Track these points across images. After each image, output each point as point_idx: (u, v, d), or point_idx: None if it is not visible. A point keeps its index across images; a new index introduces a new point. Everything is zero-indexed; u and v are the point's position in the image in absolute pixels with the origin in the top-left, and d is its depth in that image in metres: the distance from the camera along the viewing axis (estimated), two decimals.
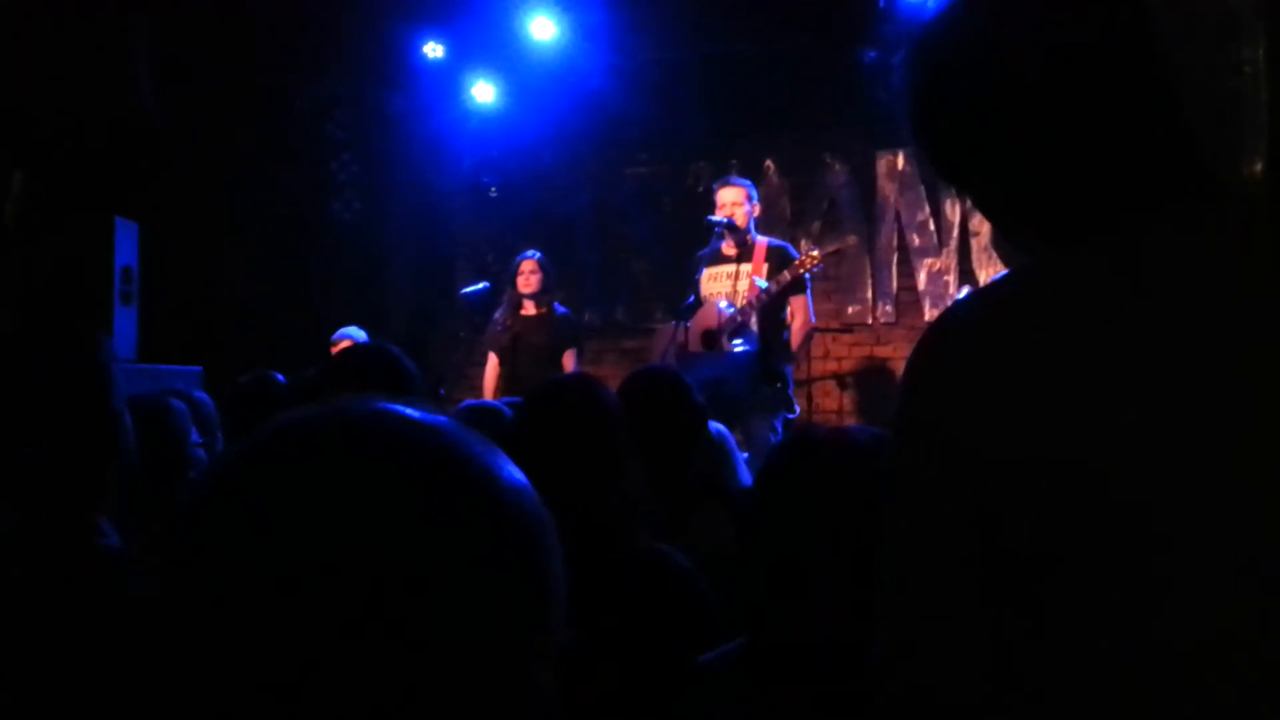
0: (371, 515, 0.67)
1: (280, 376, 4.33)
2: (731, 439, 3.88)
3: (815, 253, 5.77)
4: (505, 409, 3.34)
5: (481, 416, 3.21)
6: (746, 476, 3.71)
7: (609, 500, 2.26)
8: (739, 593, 2.00)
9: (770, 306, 5.76)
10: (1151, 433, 1.00)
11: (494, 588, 0.69)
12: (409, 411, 0.73)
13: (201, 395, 4.01)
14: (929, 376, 1.10)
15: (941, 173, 1.23)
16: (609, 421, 2.33)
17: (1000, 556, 1.03)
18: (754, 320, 5.73)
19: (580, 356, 6.84)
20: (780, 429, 5.73)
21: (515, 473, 0.74)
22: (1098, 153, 1.13)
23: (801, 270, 5.68)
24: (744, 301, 5.76)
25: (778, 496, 1.63)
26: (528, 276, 6.62)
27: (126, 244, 6.42)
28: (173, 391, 3.48)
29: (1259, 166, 1.93)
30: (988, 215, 1.23)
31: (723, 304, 5.81)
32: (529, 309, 6.65)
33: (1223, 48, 1.83)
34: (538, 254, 6.71)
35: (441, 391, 6.81)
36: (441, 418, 0.74)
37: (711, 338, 5.83)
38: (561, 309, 6.77)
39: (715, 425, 3.86)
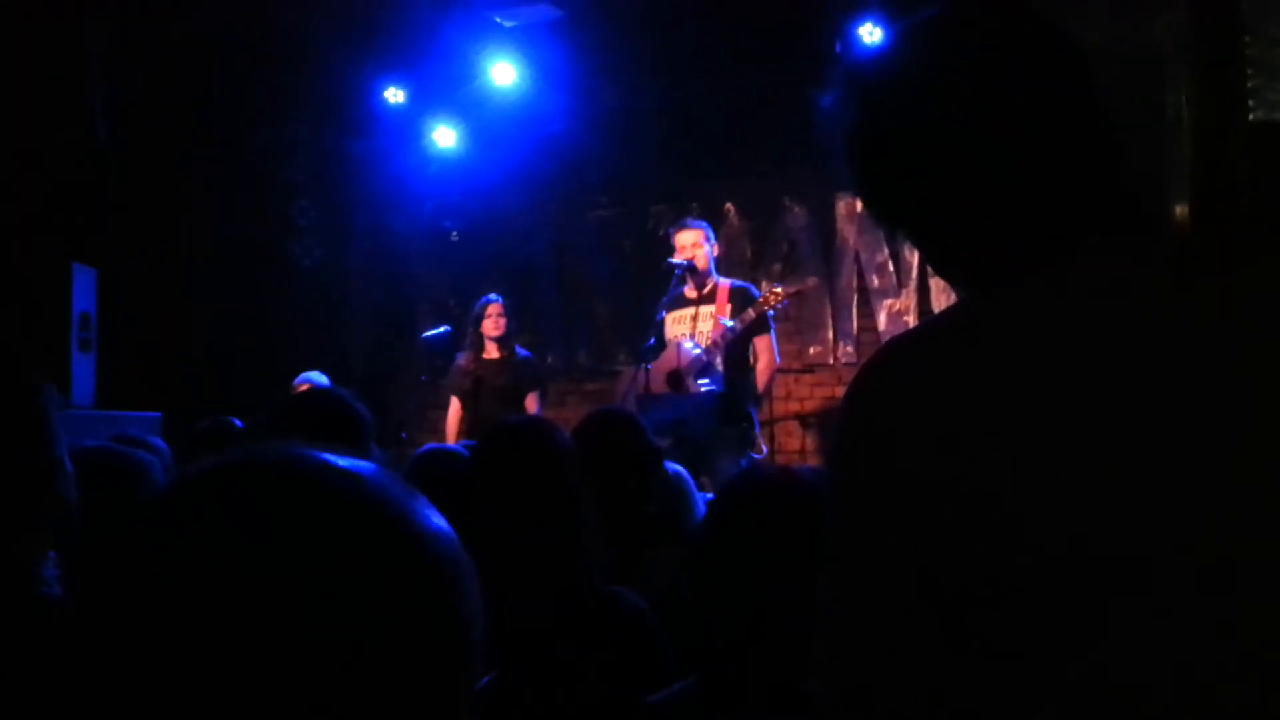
0: (276, 562, 0.67)
1: (237, 422, 4.31)
2: (690, 480, 3.88)
3: (779, 289, 5.81)
4: (464, 452, 3.34)
5: (440, 460, 3.20)
6: None
7: (562, 541, 2.26)
8: (689, 632, 2.00)
9: (735, 347, 5.78)
10: (1084, 464, 1.00)
11: (406, 632, 0.69)
12: (322, 458, 0.73)
13: (158, 442, 3.98)
14: (866, 410, 1.11)
15: (875, 211, 1.24)
16: (561, 463, 2.33)
17: (939, 589, 1.03)
18: (719, 360, 5.75)
19: (543, 399, 6.84)
20: None
21: (433, 519, 0.74)
22: (1031, 194, 1.14)
23: (766, 307, 5.72)
24: (709, 341, 5.78)
25: (724, 536, 1.63)
26: (495, 319, 6.63)
27: (84, 290, 6.40)
28: (137, 442, 3.45)
29: (1184, 206, 1.97)
30: (923, 252, 1.24)
31: (688, 344, 5.83)
32: (491, 352, 6.66)
33: (1149, 90, 1.87)
34: (501, 297, 6.72)
35: (403, 435, 6.79)
36: (361, 464, 0.74)
37: (677, 378, 5.84)
38: (523, 352, 6.78)
39: (673, 466, 3.86)
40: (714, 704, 1.62)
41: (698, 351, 5.78)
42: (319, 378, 6.63)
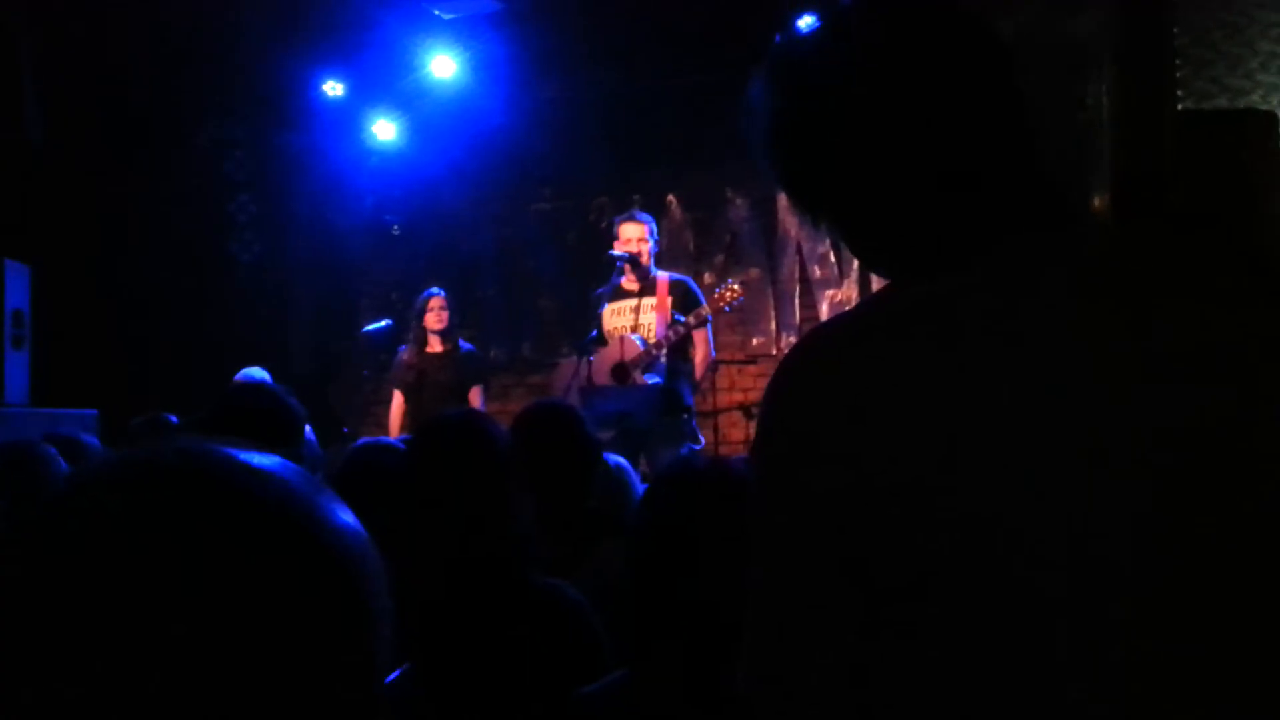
0: (172, 556, 0.66)
1: (174, 418, 4.27)
2: (632, 472, 3.88)
3: (735, 286, 5.81)
4: (401, 445, 3.31)
5: (377, 453, 3.18)
6: None
7: (498, 534, 2.25)
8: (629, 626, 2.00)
9: (676, 342, 5.79)
10: (1003, 452, 1.01)
11: (307, 627, 0.69)
12: (227, 453, 0.72)
13: (92, 440, 3.93)
14: (787, 402, 1.11)
15: (797, 199, 1.23)
16: (497, 456, 2.32)
17: (861, 578, 1.04)
18: (664, 354, 5.76)
19: (486, 393, 6.82)
20: None
21: (339, 514, 0.73)
22: (951, 184, 1.14)
23: (723, 303, 5.73)
24: (656, 335, 5.77)
25: (656, 526, 1.63)
26: (438, 313, 6.59)
27: (18, 287, 6.30)
28: (68, 439, 3.41)
29: (1105, 198, 1.99)
30: (845, 241, 1.24)
31: (633, 338, 5.82)
32: (434, 346, 6.62)
33: (1070, 82, 1.89)
34: (443, 291, 6.69)
35: (345, 430, 6.75)
36: (267, 459, 0.74)
37: (622, 371, 5.83)
38: (467, 345, 6.75)
39: (615, 458, 3.86)
40: (646, 694, 1.62)
41: (645, 346, 5.78)
42: (260, 374, 6.56)
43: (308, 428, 4.01)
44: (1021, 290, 1.07)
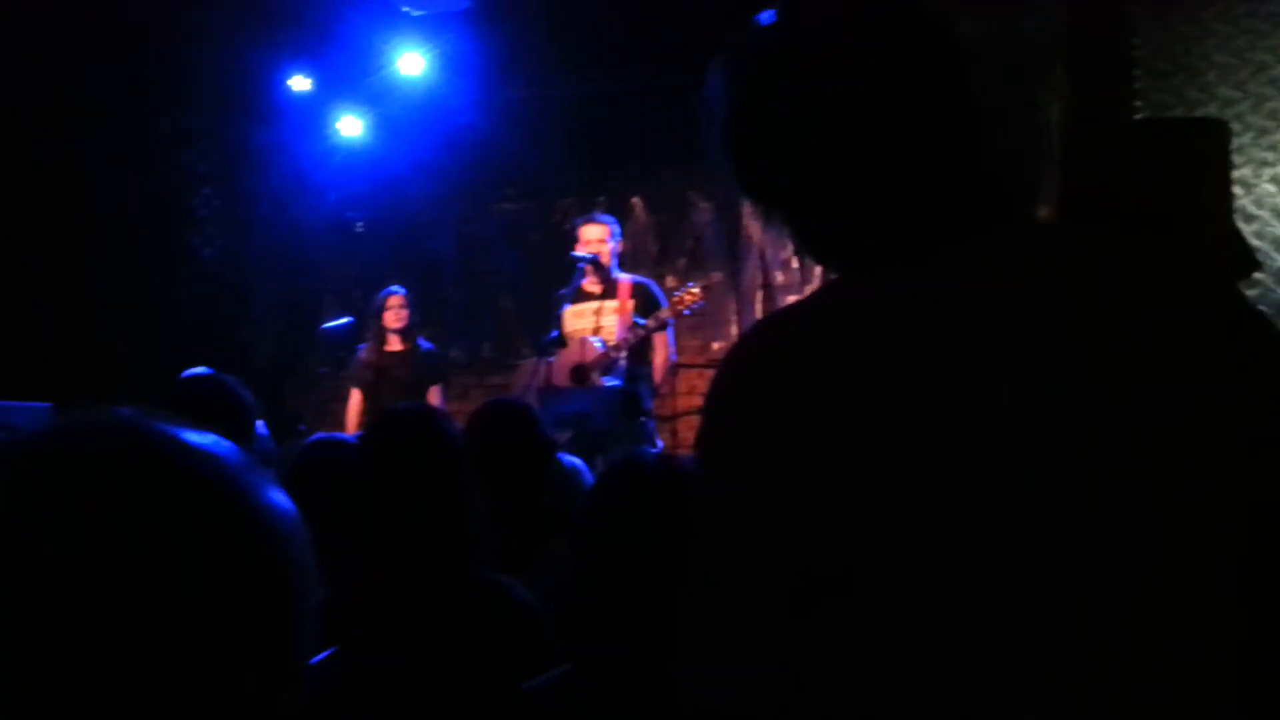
0: (99, 523, 0.67)
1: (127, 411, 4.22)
2: (587, 473, 3.88)
3: (695, 289, 5.79)
4: (355, 441, 3.30)
5: (329, 448, 3.16)
6: None
7: (448, 530, 2.24)
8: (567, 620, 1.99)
9: (636, 344, 5.78)
10: (939, 448, 1.01)
11: (229, 595, 0.70)
12: (157, 427, 0.73)
13: None
14: (729, 394, 1.11)
15: (750, 193, 1.23)
16: (449, 453, 2.31)
17: (801, 575, 1.04)
18: (623, 357, 5.75)
19: (446, 392, 6.79)
20: None
21: (269, 493, 0.75)
22: (899, 180, 1.15)
23: (682, 306, 5.71)
24: (616, 337, 5.76)
25: (601, 524, 1.62)
26: (397, 311, 6.59)
27: None
28: (5, 427, 3.37)
29: (1053, 200, 2.01)
30: (797, 235, 1.24)
31: (594, 340, 5.81)
32: (394, 344, 6.61)
33: (1021, 84, 1.90)
34: (403, 289, 6.67)
35: (301, 427, 6.70)
36: (200, 436, 0.75)
37: (582, 373, 5.83)
38: (426, 344, 6.72)
39: (570, 459, 3.86)
40: (588, 689, 1.62)
41: (604, 348, 5.77)
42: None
43: (260, 423, 3.99)
44: (967, 290, 1.08)
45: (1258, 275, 2.99)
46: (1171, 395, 1.02)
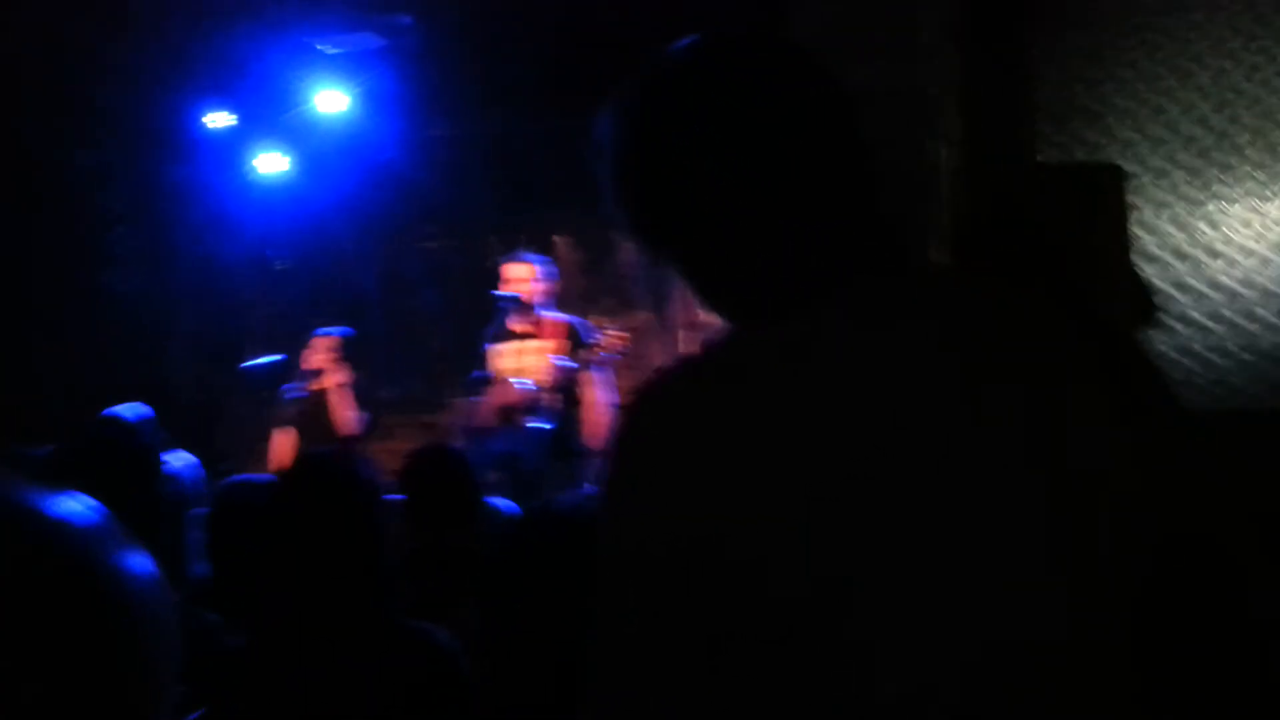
0: None
1: (39, 452, 4.14)
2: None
3: (619, 334, 5.77)
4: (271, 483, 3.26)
5: (246, 491, 3.12)
6: None
7: (363, 576, 2.23)
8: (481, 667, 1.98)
9: (566, 383, 5.76)
10: (820, 501, 1.01)
11: (71, 672, 0.69)
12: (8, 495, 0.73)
13: None
14: (621, 445, 1.11)
15: (638, 237, 1.23)
16: (363, 495, 2.30)
17: (694, 628, 1.04)
18: (550, 397, 5.72)
19: (372, 430, 6.74)
20: None
21: (126, 559, 0.74)
22: (791, 231, 1.15)
23: (604, 351, 5.69)
24: (541, 378, 5.74)
25: (513, 569, 1.62)
26: (319, 353, 6.54)
27: None
28: None
29: (946, 248, 2.05)
30: (687, 283, 1.23)
31: (520, 381, 5.79)
32: (320, 384, 6.55)
33: (912, 129, 1.94)
34: (336, 330, 6.64)
35: (224, 468, 6.60)
36: (51, 500, 0.74)
37: (507, 414, 5.80)
38: (357, 382, 6.67)
39: (501, 502, 3.85)
40: None
41: (530, 388, 5.75)
42: (140, 409, 6.39)
43: (194, 463, 3.92)
44: (842, 339, 1.08)
45: (1161, 316, 3.06)
46: (1055, 443, 1.03)
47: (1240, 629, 1.07)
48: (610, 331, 5.77)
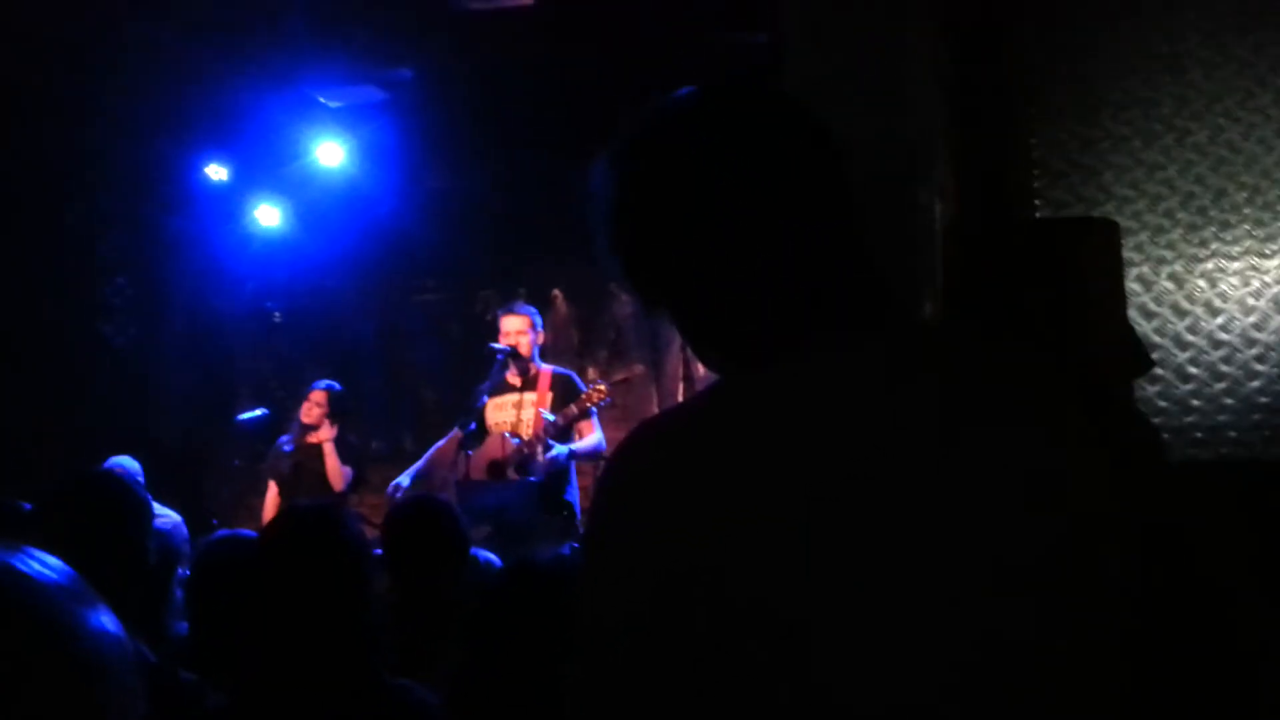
0: None
1: (27, 505, 4.11)
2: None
3: (602, 386, 5.78)
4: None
5: (231, 546, 3.09)
6: None
7: (347, 631, 2.19)
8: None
9: (557, 436, 5.74)
10: (794, 547, 1.01)
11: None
12: None
13: None
14: (607, 494, 1.12)
15: (633, 288, 1.23)
16: (348, 551, 2.27)
17: (680, 670, 1.02)
18: (540, 452, 5.70)
19: (364, 484, 6.73)
20: None
21: (95, 619, 0.76)
22: (782, 282, 1.15)
23: (589, 404, 5.69)
24: (530, 434, 5.72)
25: (496, 622, 1.59)
26: (310, 406, 6.55)
27: None
28: None
29: (939, 302, 2.04)
30: (680, 330, 1.24)
31: (508, 435, 5.77)
32: (313, 437, 6.55)
33: (902, 184, 1.93)
34: (329, 384, 6.66)
35: (214, 522, 6.57)
36: (29, 561, 0.76)
37: (497, 468, 5.78)
38: (346, 437, 6.67)
39: (486, 555, 3.81)
40: None
41: (518, 444, 5.73)
42: (129, 463, 6.38)
43: (177, 521, 3.90)
44: (829, 389, 1.08)
45: (1158, 371, 3.04)
46: (1046, 500, 1.02)
47: (1228, 674, 1.06)
48: (598, 386, 5.77)
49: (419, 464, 6.09)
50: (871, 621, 1.00)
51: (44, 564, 0.77)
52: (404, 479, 6.02)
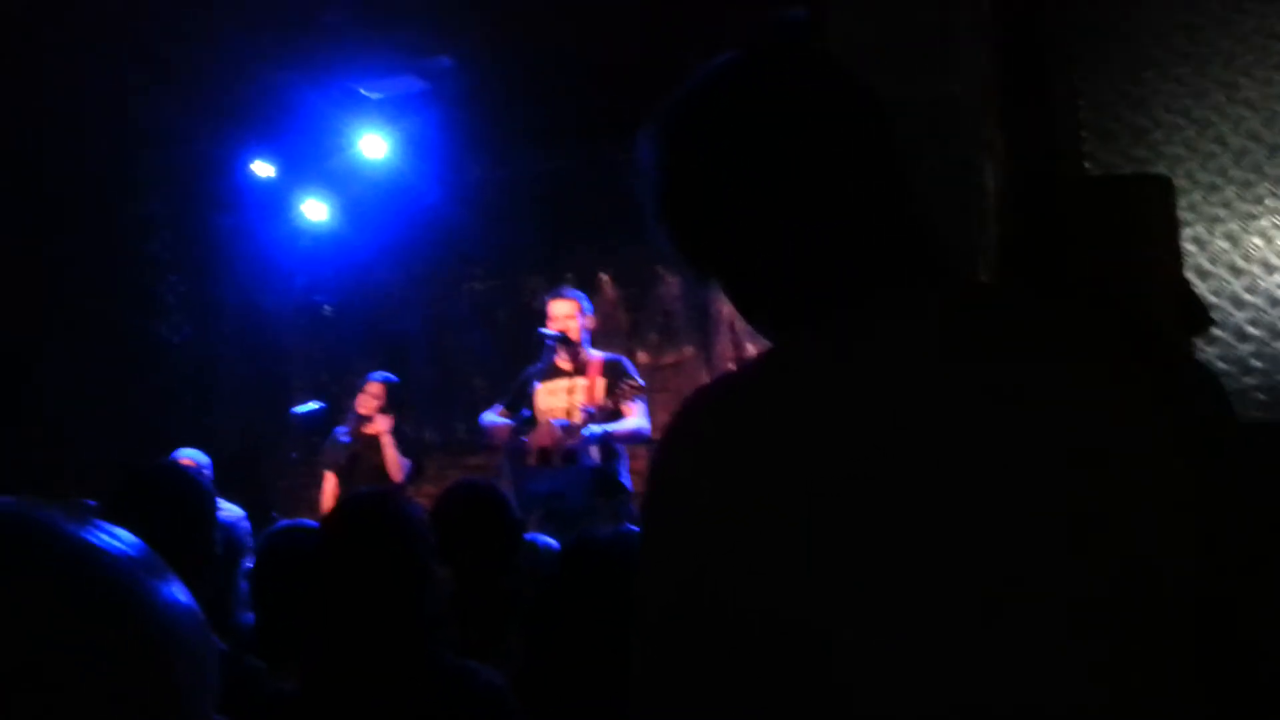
0: None
1: (91, 502, 4.17)
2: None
3: (637, 383, 5.75)
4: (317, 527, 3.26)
5: (293, 536, 3.12)
6: None
7: (409, 615, 2.21)
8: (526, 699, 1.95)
9: (605, 422, 5.73)
10: (845, 523, 0.99)
11: (116, 694, 0.70)
12: (55, 522, 0.74)
13: None
14: (661, 468, 1.10)
15: (682, 256, 1.22)
16: (408, 537, 2.28)
17: (739, 654, 1.01)
18: (581, 438, 5.70)
19: (419, 474, 6.76)
20: None
21: (168, 591, 0.76)
22: (828, 240, 1.14)
23: (624, 399, 5.67)
24: (587, 416, 5.72)
25: (555, 604, 1.60)
26: (366, 398, 6.59)
27: None
28: None
29: (992, 261, 2.01)
30: (731, 298, 1.23)
31: (557, 422, 5.78)
32: (369, 428, 6.59)
33: (951, 145, 1.91)
34: (385, 375, 6.69)
35: (273, 514, 6.64)
36: (96, 532, 0.76)
37: (546, 455, 5.79)
38: (402, 428, 6.72)
39: (545, 539, 3.81)
40: None
41: (567, 428, 5.74)
42: (199, 456, 6.45)
43: (241, 515, 3.94)
44: (880, 349, 1.06)
45: (1216, 331, 2.99)
46: (1107, 460, 1.00)
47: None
48: (633, 382, 5.75)
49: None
50: (934, 602, 0.98)
51: (115, 536, 0.77)
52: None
